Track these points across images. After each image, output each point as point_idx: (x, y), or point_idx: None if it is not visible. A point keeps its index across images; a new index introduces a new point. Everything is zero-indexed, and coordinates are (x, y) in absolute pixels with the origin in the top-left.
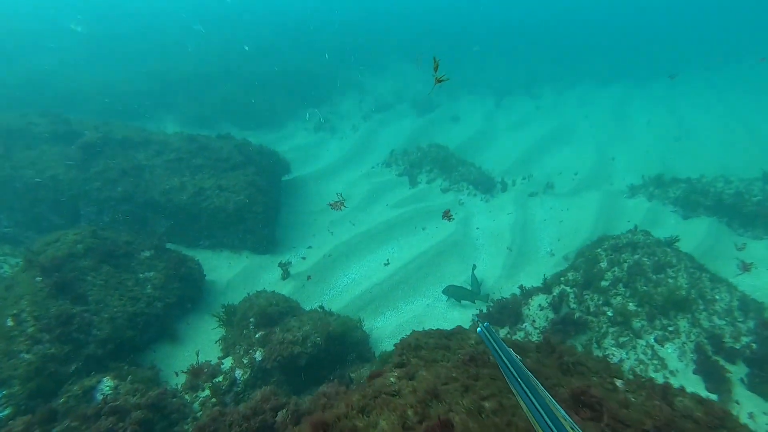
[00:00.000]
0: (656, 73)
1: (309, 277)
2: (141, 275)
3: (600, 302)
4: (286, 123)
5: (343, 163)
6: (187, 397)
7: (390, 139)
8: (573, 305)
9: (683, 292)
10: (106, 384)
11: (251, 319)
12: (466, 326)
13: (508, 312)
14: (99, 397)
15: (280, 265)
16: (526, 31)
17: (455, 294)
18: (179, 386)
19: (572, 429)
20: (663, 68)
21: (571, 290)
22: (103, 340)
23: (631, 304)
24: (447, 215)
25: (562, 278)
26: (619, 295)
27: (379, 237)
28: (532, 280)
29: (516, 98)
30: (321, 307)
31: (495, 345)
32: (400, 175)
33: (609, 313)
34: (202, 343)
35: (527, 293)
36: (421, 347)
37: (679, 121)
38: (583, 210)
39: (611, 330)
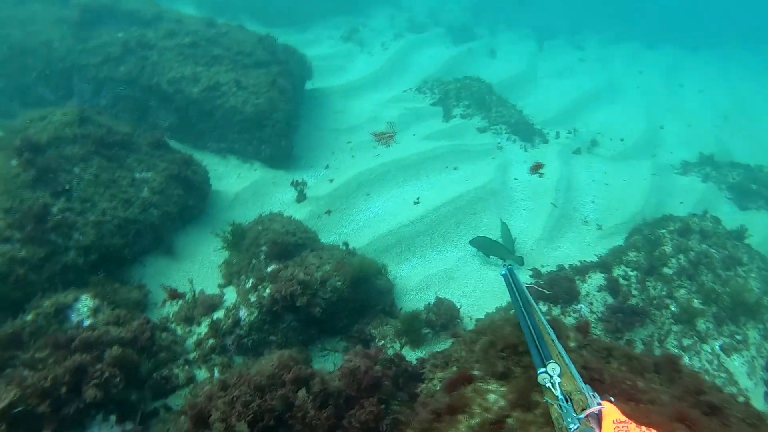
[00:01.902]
0: (710, 41)
1: (328, 212)
2: (138, 175)
3: (663, 293)
4: (311, 26)
5: (371, 82)
6: (179, 330)
7: (423, 64)
8: (634, 292)
9: (754, 296)
10: (85, 303)
11: (263, 248)
12: (494, 282)
13: (559, 288)
14: (74, 318)
15: (295, 184)
16: None
17: (484, 247)
18: (171, 315)
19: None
20: (717, 36)
21: (633, 274)
22: (85, 248)
23: (696, 300)
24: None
25: (623, 257)
26: (684, 288)
27: (407, 170)
28: (574, 249)
29: (558, 44)
30: (345, 244)
31: (515, 289)
32: (434, 105)
33: (672, 308)
34: (201, 265)
35: (581, 269)
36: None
37: (736, 97)
38: (632, 179)
39: (674, 328)
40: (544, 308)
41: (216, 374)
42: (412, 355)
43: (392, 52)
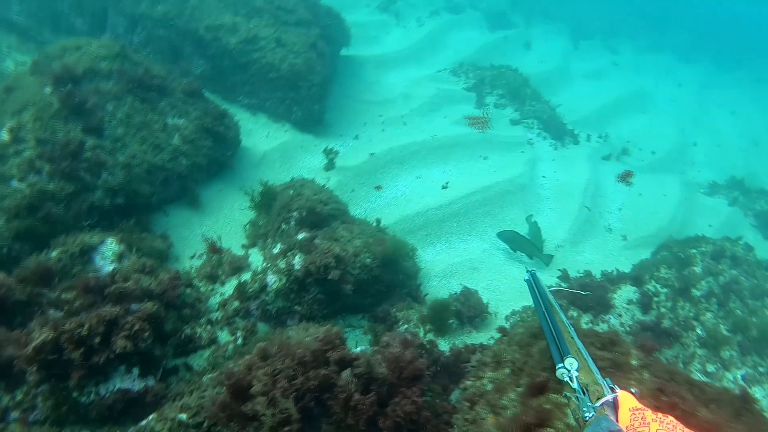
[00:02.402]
0: (743, 62)
1: (379, 187)
2: (170, 120)
3: (691, 314)
4: None
5: (404, 57)
6: (201, 287)
7: (457, 46)
8: (663, 310)
9: None
10: (110, 247)
11: (294, 213)
12: (518, 280)
13: (593, 295)
14: (99, 261)
15: (326, 152)
16: None
17: (513, 241)
18: (194, 271)
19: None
20: (751, 58)
21: (664, 291)
22: (113, 189)
23: (723, 326)
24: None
25: (654, 272)
26: (711, 311)
27: (437, 152)
28: (597, 256)
29: (593, 45)
30: (378, 221)
31: (537, 292)
32: (468, 90)
33: (699, 331)
34: (225, 222)
35: (614, 279)
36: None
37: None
38: (661, 194)
39: (699, 352)
40: (574, 313)
41: (239, 339)
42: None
43: (428, 29)
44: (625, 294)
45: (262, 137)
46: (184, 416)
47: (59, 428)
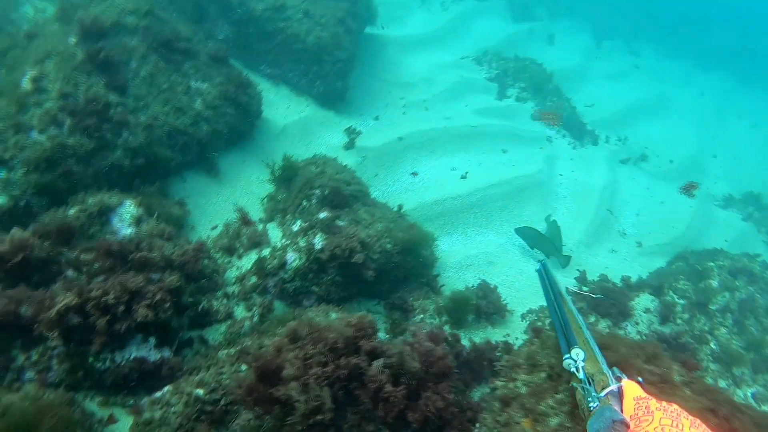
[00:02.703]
0: (764, 75)
1: (415, 173)
2: (193, 84)
3: (706, 328)
4: None
5: (428, 41)
6: (218, 259)
7: (480, 34)
8: (679, 321)
9: None
10: (128, 209)
11: (316, 191)
12: (534, 278)
13: (611, 301)
14: (116, 223)
15: (347, 131)
16: None
17: (531, 238)
18: (209, 241)
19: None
20: None
21: (681, 302)
22: (133, 149)
23: (735, 343)
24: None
25: (673, 283)
26: (725, 327)
27: (457, 141)
28: (610, 260)
29: (615, 45)
30: (399, 207)
31: (547, 282)
32: (490, 80)
33: (713, 345)
34: (242, 193)
35: (634, 286)
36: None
37: None
38: (677, 203)
39: (712, 366)
40: (592, 318)
41: (255, 315)
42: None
43: (452, 14)
44: (643, 302)
45: (283, 110)
46: (200, 392)
47: (73, 392)
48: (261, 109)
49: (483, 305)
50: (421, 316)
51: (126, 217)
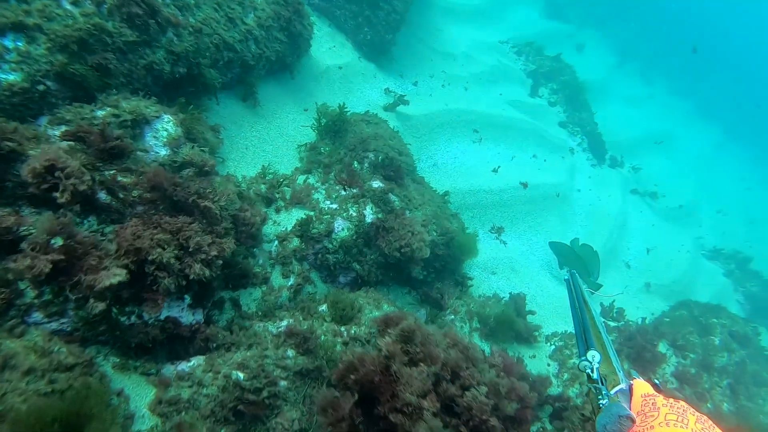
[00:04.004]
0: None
1: (435, 164)
2: None
3: (707, 386)
4: None
5: (469, 13)
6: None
7: (516, 22)
8: (691, 374)
9: (765, 420)
10: (166, 126)
11: (370, 154)
12: (556, 298)
13: (637, 348)
14: (150, 139)
15: (389, 92)
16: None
17: (564, 255)
18: (244, 183)
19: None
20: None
21: (692, 356)
22: (176, 54)
23: (726, 406)
24: None
25: (686, 335)
26: (719, 387)
27: (490, 129)
28: (614, 290)
29: (633, 68)
30: (446, 193)
31: (573, 292)
32: (525, 73)
33: (709, 405)
34: (277, 133)
35: (651, 329)
36: None
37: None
38: (676, 246)
39: None
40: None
41: (291, 281)
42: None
43: None
44: (662, 350)
45: (326, 49)
46: (242, 376)
47: (83, 347)
48: (311, 44)
49: (523, 331)
50: (452, 317)
51: (162, 135)
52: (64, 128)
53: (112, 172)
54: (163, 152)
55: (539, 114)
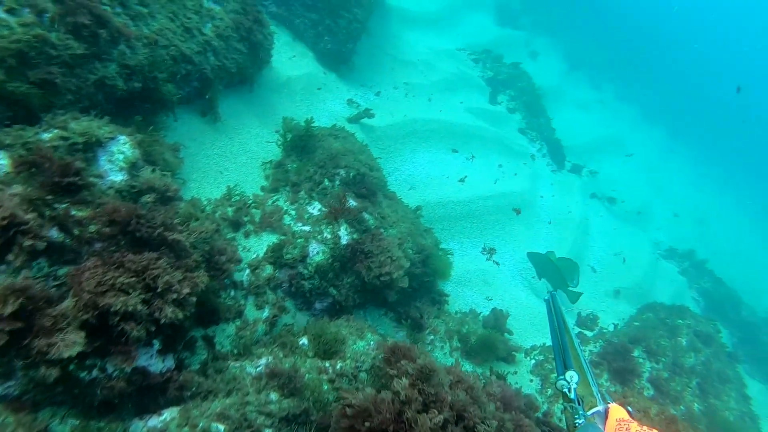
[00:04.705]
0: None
1: (411, 188)
2: (206, 2)
3: (678, 389)
4: None
5: (426, 21)
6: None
7: (471, 29)
8: (664, 377)
9: (731, 418)
10: (122, 148)
11: (341, 171)
12: (531, 309)
13: (619, 362)
14: (105, 164)
15: (351, 103)
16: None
17: (541, 266)
18: (208, 206)
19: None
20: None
21: (664, 360)
22: (129, 68)
23: (697, 406)
24: None
25: (657, 339)
26: (689, 387)
27: (454, 138)
28: (584, 296)
29: (581, 77)
30: (418, 208)
31: (553, 312)
32: (484, 80)
33: (682, 407)
34: (240, 149)
35: (625, 336)
36: None
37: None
38: (635, 248)
39: None
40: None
41: (265, 313)
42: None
43: (444, 2)
44: (636, 354)
45: (286, 59)
46: (222, 428)
47: (35, 413)
48: (271, 54)
49: (503, 352)
50: (432, 337)
51: (118, 158)
52: (4, 155)
53: (64, 205)
54: (120, 177)
55: (500, 121)
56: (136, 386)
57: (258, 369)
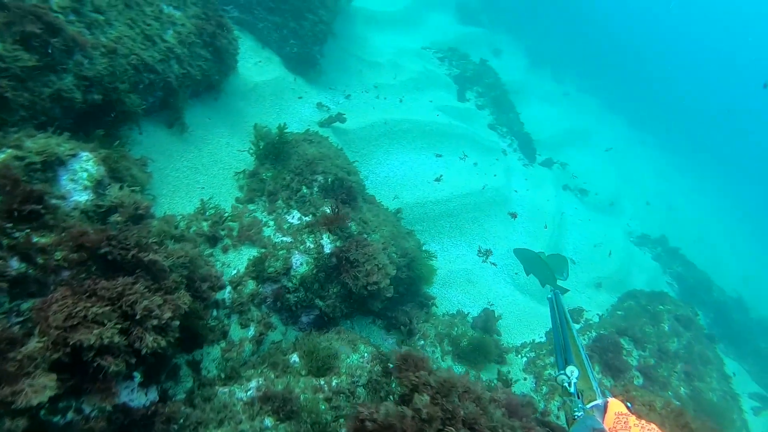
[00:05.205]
0: (652, 126)
1: (396, 197)
2: (165, 8)
3: (665, 374)
4: None
5: (389, 23)
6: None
7: (434, 28)
8: (651, 363)
9: (715, 398)
10: (85, 166)
11: (318, 177)
12: (517, 306)
13: (609, 353)
14: (66, 183)
15: (321, 107)
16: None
17: (529, 262)
18: (182, 222)
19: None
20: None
21: (650, 347)
22: (88, 79)
23: (683, 390)
24: None
25: (643, 327)
26: (675, 372)
27: (427, 138)
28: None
29: (543, 72)
30: (398, 210)
31: (556, 310)
32: (450, 78)
33: (669, 393)
34: (211, 160)
35: (619, 330)
36: None
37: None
38: (610, 237)
39: None
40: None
41: (250, 332)
42: (457, 368)
43: (406, 2)
44: (623, 343)
45: (252, 65)
46: None
47: None
48: (237, 59)
49: (495, 354)
50: (422, 342)
51: (82, 177)
52: None
53: (25, 232)
54: (85, 197)
55: (469, 118)
56: (117, 425)
57: (249, 393)
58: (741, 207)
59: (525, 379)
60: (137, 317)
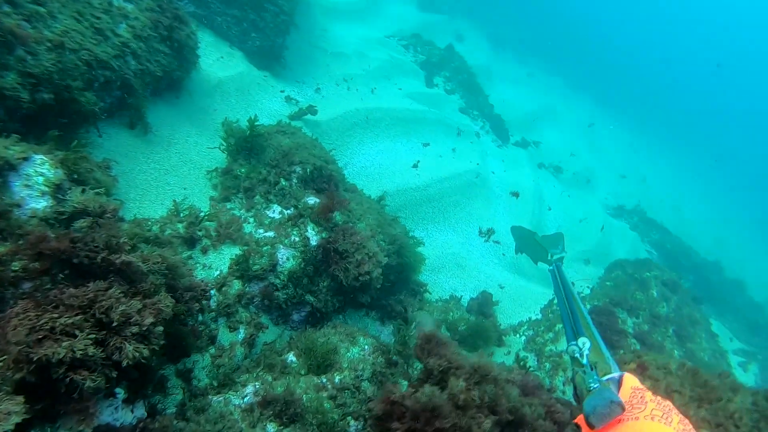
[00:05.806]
0: (620, 103)
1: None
2: (115, 1)
3: (659, 339)
4: None
5: (349, 13)
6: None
7: (395, 16)
8: (645, 329)
9: (706, 357)
10: (40, 170)
11: (296, 168)
12: (509, 285)
13: (605, 323)
14: (19, 189)
15: (289, 99)
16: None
17: (523, 239)
18: (155, 226)
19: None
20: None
21: (642, 314)
22: (34, 77)
23: (677, 352)
24: None
25: (634, 294)
26: (668, 337)
27: (400, 125)
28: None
29: (507, 55)
30: (381, 198)
31: (559, 281)
32: (417, 65)
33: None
34: (180, 159)
35: (613, 301)
36: None
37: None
38: (589, 211)
39: None
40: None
41: (240, 334)
42: None
43: None
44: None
45: (213, 60)
46: None
47: None
48: (198, 54)
49: (493, 333)
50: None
51: (37, 181)
52: None
53: None
54: (43, 204)
55: (440, 103)
56: None
57: (246, 399)
58: (703, 174)
59: (527, 357)
60: (114, 325)
